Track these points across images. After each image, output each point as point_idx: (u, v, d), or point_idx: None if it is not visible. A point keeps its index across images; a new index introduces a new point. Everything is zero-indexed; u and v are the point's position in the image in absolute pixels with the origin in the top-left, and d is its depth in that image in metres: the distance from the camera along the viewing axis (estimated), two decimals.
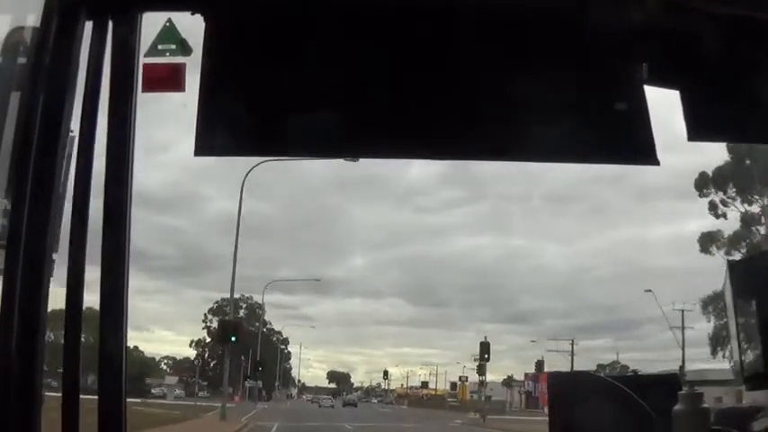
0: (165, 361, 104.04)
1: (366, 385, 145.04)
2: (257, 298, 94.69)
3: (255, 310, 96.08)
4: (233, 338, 40.57)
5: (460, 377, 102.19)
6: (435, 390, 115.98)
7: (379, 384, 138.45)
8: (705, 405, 2.97)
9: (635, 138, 2.47)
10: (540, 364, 71.40)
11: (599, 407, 3.10)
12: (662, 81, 2.57)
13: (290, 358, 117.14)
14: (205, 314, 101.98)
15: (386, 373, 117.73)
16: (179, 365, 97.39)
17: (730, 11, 2.42)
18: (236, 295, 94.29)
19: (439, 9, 2.41)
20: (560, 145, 2.52)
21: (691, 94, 2.56)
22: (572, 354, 69.57)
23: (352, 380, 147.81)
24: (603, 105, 2.48)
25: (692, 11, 2.40)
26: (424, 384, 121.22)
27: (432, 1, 2.43)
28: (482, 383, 67.01)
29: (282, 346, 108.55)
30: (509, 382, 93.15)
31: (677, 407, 2.93)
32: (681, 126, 2.56)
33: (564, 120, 2.49)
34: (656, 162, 2.46)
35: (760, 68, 2.50)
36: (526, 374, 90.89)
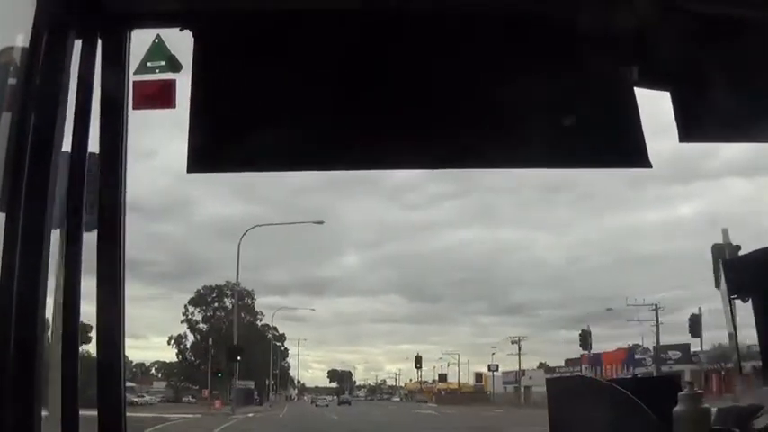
0: (156, 366, 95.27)
1: (370, 383, 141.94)
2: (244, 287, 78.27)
3: (245, 299, 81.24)
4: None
5: (489, 365, 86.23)
6: (459, 384, 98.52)
7: (384, 381, 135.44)
8: (705, 405, 2.98)
9: (626, 141, 2.47)
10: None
11: (599, 410, 3.10)
12: (652, 83, 2.57)
13: (287, 356, 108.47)
14: (185, 305, 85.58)
15: (418, 359, 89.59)
16: (170, 369, 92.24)
17: (720, 11, 2.43)
18: (221, 282, 79.36)
19: (427, 18, 2.41)
20: (552, 150, 2.51)
21: (681, 95, 2.57)
22: (657, 325, 55.93)
23: (354, 378, 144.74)
24: (595, 109, 2.48)
25: (682, 12, 2.40)
26: (442, 377, 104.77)
27: (419, 10, 2.43)
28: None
29: (278, 343, 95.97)
30: (552, 369, 72.40)
31: (677, 407, 2.94)
32: (670, 114, 2.57)
33: (555, 124, 2.49)
34: (647, 165, 2.46)
35: (751, 69, 2.51)
36: (581, 357, 68.91)
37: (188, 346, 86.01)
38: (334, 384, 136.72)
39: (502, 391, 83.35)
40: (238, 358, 53.46)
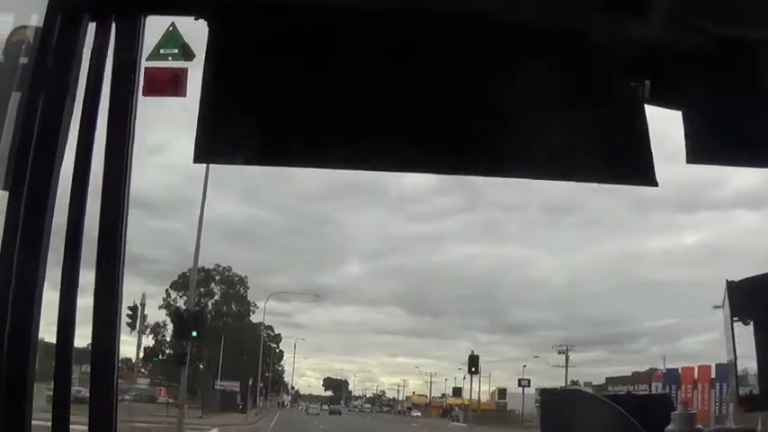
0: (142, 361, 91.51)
1: (368, 394, 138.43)
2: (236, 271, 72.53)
3: (237, 287, 74.18)
4: None
5: (520, 380, 70.81)
6: (479, 400, 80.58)
7: (383, 392, 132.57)
8: (698, 426, 2.96)
9: (634, 158, 2.46)
10: None
11: (592, 425, 3.08)
12: (664, 101, 2.56)
13: (281, 359, 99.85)
14: (167, 290, 72.48)
15: (474, 360, 59.88)
16: (161, 366, 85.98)
17: (734, 32, 2.42)
18: (210, 266, 68.98)
19: (441, 25, 2.41)
20: (559, 162, 2.51)
21: (693, 115, 2.55)
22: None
23: (350, 388, 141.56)
24: (605, 124, 2.47)
25: (696, 31, 2.40)
26: (456, 391, 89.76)
27: (434, 16, 2.42)
28: None
29: (273, 345, 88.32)
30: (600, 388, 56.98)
31: (670, 427, 2.93)
32: (680, 140, 2.56)
33: (564, 137, 2.48)
34: (654, 183, 2.44)
35: (764, 92, 2.50)
36: (651, 373, 58.18)
37: (168, 338, 71.05)
38: (329, 393, 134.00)
39: (533, 411, 64.92)
40: (194, 333, 31.03)
